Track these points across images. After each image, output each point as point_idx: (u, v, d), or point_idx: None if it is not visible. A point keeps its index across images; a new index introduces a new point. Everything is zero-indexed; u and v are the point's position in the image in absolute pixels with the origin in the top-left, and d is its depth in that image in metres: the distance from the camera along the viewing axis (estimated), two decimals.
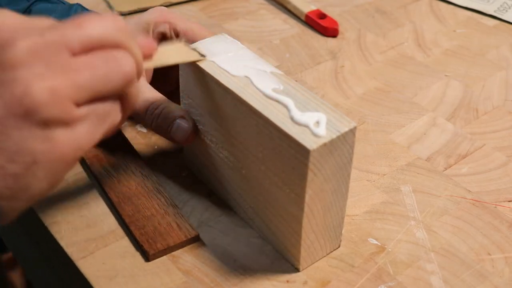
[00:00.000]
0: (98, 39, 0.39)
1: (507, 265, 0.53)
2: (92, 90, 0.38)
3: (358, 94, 0.72)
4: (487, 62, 0.77)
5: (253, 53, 0.53)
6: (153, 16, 0.59)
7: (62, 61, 0.37)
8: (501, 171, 0.62)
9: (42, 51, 0.36)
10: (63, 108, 0.37)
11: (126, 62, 0.39)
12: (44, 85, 0.36)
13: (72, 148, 0.38)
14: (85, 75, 0.37)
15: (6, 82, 0.36)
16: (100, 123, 0.39)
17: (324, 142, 0.45)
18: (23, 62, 0.36)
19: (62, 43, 0.37)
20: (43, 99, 0.36)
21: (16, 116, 0.36)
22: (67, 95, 0.37)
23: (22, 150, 0.36)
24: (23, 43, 0.36)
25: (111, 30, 0.39)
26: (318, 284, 0.51)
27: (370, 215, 0.57)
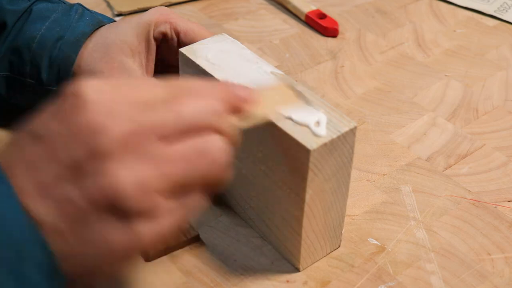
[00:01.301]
0: (194, 125, 0.37)
1: (507, 265, 0.53)
2: (181, 183, 0.36)
3: (358, 94, 0.72)
4: (487, 62, 0.77)
5: (253, 53, 0.53)
6: (153, 16, 0.59)
7: (153, 151, 0.35)
8: (501, 171, 0.62)
9: (133, 140, 0.34)
10: (149, 201, 0.35)
11: (219, 151, 0.37)
12: (131, 176, 0.34)
13: (154, 239, 0.36)
14: (178, 168, 0.36)
15: (93, 172, 0.34)
16: (185, 214, 0.38)
17: (324, 142, 0.45)
18: (112, 151, 0.34)
19: (156, 131, 0.35)
20: (129, 190, 0.34)
21: (99, 208, 0.34)
22: (155, 187, 0.35)
23: (99, 239, 0.34)
24: (115, 131, 0.34)
25: (206, 112, 0.37)
26: (318, 284, 0.51)
27: (370, 215, 0.57)
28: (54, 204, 0.34)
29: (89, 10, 0.63)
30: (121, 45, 0.58)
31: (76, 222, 0.34)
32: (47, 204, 0.34)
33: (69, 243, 0.34)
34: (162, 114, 0.36)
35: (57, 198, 0.34)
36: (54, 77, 0.59)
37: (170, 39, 0.59)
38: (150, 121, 0.35)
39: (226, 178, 0.39)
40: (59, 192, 0.34)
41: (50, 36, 0.59)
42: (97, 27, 0.61)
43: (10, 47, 0.60)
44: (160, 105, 0.36)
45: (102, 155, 0.34)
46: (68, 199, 0.34)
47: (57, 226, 0.34)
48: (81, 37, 0.59)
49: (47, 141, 0.35)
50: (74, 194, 0.34)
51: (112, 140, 0.34)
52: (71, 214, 0.34)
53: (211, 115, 0.37)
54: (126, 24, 0.60)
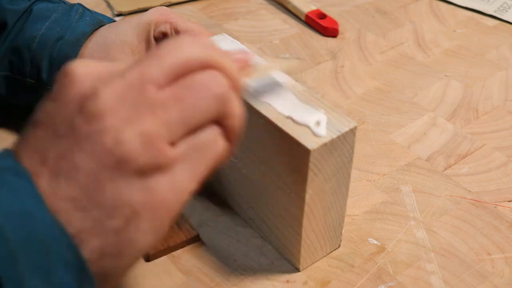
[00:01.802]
0: (182, 65, 0.35)
1: (507, 265, 0.53)
2: (184, 124, 0.35)
3: (358, 94, 0.72)
4: (487, 62, 0.77)
5: (253, 53, 0.53)
6: (154, 16, 0.59)
7: (148, 100, 0.34)
8: (501, 171, 0.62)
9: (125, 94, 0.34)
10: (157, 152, 0.34)
11: (215, 84, 0.36)
12: (133, 130, 0.33)
13: (174, 194, 0.35)
14: (174, 110, 0.34)
15: (94, 134, 0.33)
16: (201, 158, 0.36)
17: (324, 142, 0.45)
18: (108, 110, 0.33)
19: (145, 80, 0.34)
20: (134, 145, 0.33)
21: (109, 168, 0.33)
22: (159, 136, 0.34)
23: (120, 204, 0.33)
24: (105, 90, 0.34)
25: (194, 51, 0.36)
26: (318, 284, 0.51)
27: (370, 215, 0.57)
28: (65, 177, 0.33)
29: (89, 10, 0.63)
30: (121, 45, 0.59)
31: (90, 189, 0.33)
32: (58, 180, 0.33)
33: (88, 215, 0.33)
34: (151, 62, 0.35)
35: (66, 170, 0.33)
36: (54, 77, 0.59)
37: None
38: (139, 71, 0.34)
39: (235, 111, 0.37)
40: (66, 164, 0.33)
41: (51, 36, 0.59)
42: (97, 27, 0.61)
43: (10, 47, 0.60)
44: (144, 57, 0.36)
45: (99, 115, 0.33)
46: (76, 168, 0.33)
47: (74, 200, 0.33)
48: (81, 37, 0.59)
49: (45, 121, 0.34)
50: (80, 161, 0.33)
51: (104, 98, 0.33)
52: (84, 181, 0.33)
53: (200, 51, 0.36)
54: (126, 24, 0.60)
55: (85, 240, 0.33)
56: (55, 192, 0.33)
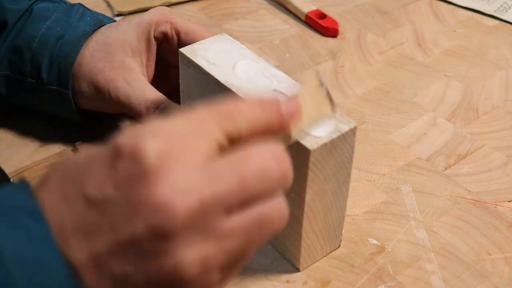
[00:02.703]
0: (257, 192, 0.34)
1: (507, 265, 0.53)
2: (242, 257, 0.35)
3: (358, 94, 0.72)
4: (487, 62, 0.77)
5: (253, 53, 0.53)
6: (154, 16, 0.59)
7: (217, 227, 0.33)
8: (501, 171, 0.62)
9: (198, 217, 0.32)
10: (208, 278, 0.33)
11: (280, 220, 0.35)
12: (195, 256, 0.32)
13: None
14: (237, 242, 0.33)
15: (156, 253, 0.32)
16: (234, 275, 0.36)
17: (324, 142, 0.45)
18: (177, 232, 0.31)
19: (221, 205, 0.33)
20: (193, 273, 0.32)
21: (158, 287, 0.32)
22: (215, 264, 0.33)
23: None
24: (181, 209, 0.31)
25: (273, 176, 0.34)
26: (318, 284, 0.51)
27: (370, 215, 0.57)
28: (109, 279, 0.32)
29: (89, 10, 0.63)
30: (121, 45, 0.59)
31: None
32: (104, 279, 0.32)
33: None
34: (226, 184, 0.33)
35: (113, 273, 0.32)
36: (54, 76, 0.59)
37: (171, 39, 0.59)
38: (215, 194, 0.32)
39: None
40: (116, 267, 0.32)
41: (51, 35, 0.59)
42: (98, 26, 0.61)
43: (10, 47, 0.60)
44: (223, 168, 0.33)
45: (166, 235, 0.31)
46: (125, 276, 0.32)
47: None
48: (82, 37, 0.59)
49: (103, 208, 0.32)
50: (132, 272, 0.32)
51: (178, 219, 0.31)
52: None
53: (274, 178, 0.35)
54: (126, 24, 0.60)
55: None
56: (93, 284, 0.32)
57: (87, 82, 0.59)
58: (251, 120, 0.35)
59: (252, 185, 0.34)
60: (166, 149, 0.32)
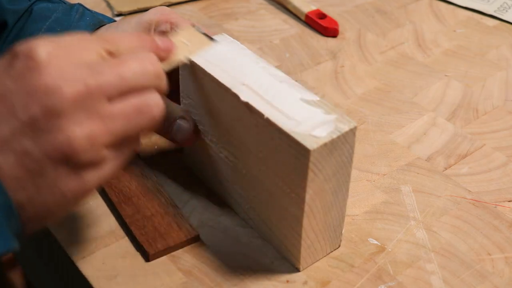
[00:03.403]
0: (134, 85, 0.42)
1: (507, 265, 0.53)
2: (123, 136, 0.41)
3: (358, 94, 0.72)
4: (487, 62, 0.77)
5: (253, 53, 0.53)
6: (154, 16, 0.59)
7: (101, 109, 0.40)
8: (501, 171, 0.62)
9: (83, 99, 0.39)
10: (97, 153, 0.40)
11: (156, 108, 0.43)
12: (83, 132, 0.39)
13: (97, 184, 0.41)
14: (120, 123, 0.41)
15: (49, 129, 0.38)
16: (124, 159, 0.43)
17: (324, 142, 0.45)
18: (66, 110, 0.38)
19: (103, 92, 0.40)
20: (81, 145, 0.39)
21: (55, 160, 0.38)
22: (102, 141, 0.40)
23: (53, 188, 0.39)
24: (68, 91, 0.38)
25: (148, 74, 0.42)
26: (318, 284, 0.51)
27: (370, 215, 0.57)
28: (13, 156, 0.38)
29: (89, 10, 0.63)
30: None
31: (33, 173, 0.38)
32: (6, 156, 0.38)
33: (26, 190, 0.39)
34: (107, 77, 0.40)
35: (16, 151, 0.38)
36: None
37: None
38: (97, 83, 0.39)
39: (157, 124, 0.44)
40: (17, 145, 0.38)
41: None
42: (98, 26, 0.61)
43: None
44: (104, 67, 0.40)
45: (57, 113, 0.38)
46: (26, 152, 0.38)
47: (16, 175, 0.38)
48: None
49: (3, 97, 0.38)
50: (31, 148, 0.38)
51: (65, 99, 0.38)
52: (29, 165, 0.38)
53: (148, 75, 0.42)
54: (126, 24, 0.60)
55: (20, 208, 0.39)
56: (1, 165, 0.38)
57: None
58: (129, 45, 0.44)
59: (130, 78, 0.41)
60: (56, 50, 0.39)
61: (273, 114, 0.47)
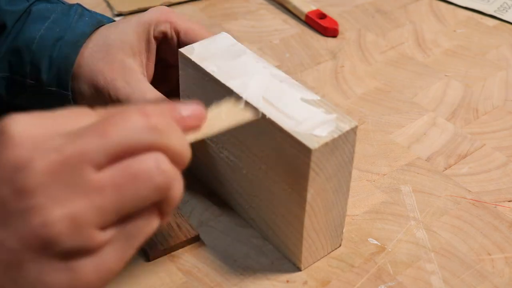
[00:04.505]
0: (124, 146, 0.33)
1: (507, 265, 0.53)
2: (118, 212, 0.33)
3: (358, 94, 0.72)
4: (487, 62, 0.77)
5: (253, 53, 0.53)
6: (154, 15, 0.59)
7: (83, 181, 0.32)
8: (501, 171, 0.62)
9: (60, 171, 0.32)
10: (84, 236, 0.32)
11: (158, 172, 0.34)
12: (62, 213, 0.32)
13: (99, 275, 0.34)
14: (110, 197, 0.33)
15: (21, 212, 0.32)
16: (131, 242, 0.35)
17: (325, 142, 0.45)
18: (39, 187, 0.32)
19: (84, 159, 0.32)
20: (62, 229, 0.32)
21: (33, 249, 0.32)
22: (89, 221, 0.32)
23: (36, 284, 0.32)
24: (39, 163, 0.32)
25: (140, 131, 0.34)
26: (318, 284, 0.51)
27: (370, 215, 0.57)
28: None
29: (88, 10, 0.63)
30: (121, 45, 0.58)
31: (10, 268, 0.32)
32: None
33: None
34: (94, 139, 0.33)
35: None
36: (54, 77, 0.59)
37: (170, 38, 0.59)
38: (76, 148, 0.32)
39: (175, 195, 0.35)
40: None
41: (50, 36, 0.59)
42: (97, 27, 0.61)
43: (10, 48, 0.60)
44: (86, 130, 0.33)
45: (29, 191, 0.31)
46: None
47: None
48: (81, 38, 0.59)
49: None
50: (3, 238, 0.32)
51: (37, 174, 0.32)
52: (4, 258, 0.32)
53: (148, 131, 0.34)
54: (126, 24, 0.60)
55: None
56: None
57: (87, 83, 0.58)
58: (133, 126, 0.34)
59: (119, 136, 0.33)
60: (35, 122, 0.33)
61: (273, 113, 0.47)
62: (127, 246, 0.34)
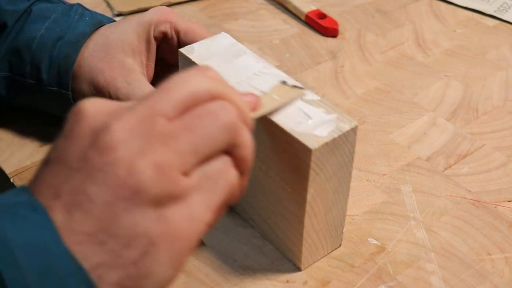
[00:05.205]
0: (190, 97, 0.36)
1: (507, 265, 0.53)
2: (196, 153, 0.35)
3: (358, 94, 0.72)
4: (487, 62, 0.78)
5: (253, 53, 0.53)
6: (154, 15, 0.59)
7: (159, 131, 0.34)
8: (501, 171, 0.62)
9: (136, 127, 0.34)
10: (171, 181, 0.34)
11: (224, 113, 0.36)
12: (146, 161, 0.33)
13: (190, 223, 0.35)
14: (185, 139, 0.35)
15: (107, 166, 0.33)
16: (214, 187, 0.36)
17: (326, 141, 0.45)
18: (120, 142, 0.34)
19: (155, 113, 0.35)
20: (148, 175, 0.33)
21: (124, 199, 0.33)
22: (172, 165, 0.34)
23: (136, 235, 0.33)
24: (117, 124, 0.34)
25: (202, 83, 0.37)
26: (318, 284, 0.51)
27: (370, 215, 0.57)
28: (80, 210, 0.33)
29: (89, 10, 0.63)
30: (121, 45, 0.58)
31: (106, 221, 0.33)
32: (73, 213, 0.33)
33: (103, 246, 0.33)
34: (157, 97, 0.36)
35: (80, 203, 0.33)
36: (54, 77, 0.59)
37: (170, 38, 0.59)
38: (149, 105, 0.35)
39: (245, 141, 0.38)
40: (81, 196, 0.33)
41: (50, 36, 0.59)
42: (97, 27, 0.61)
43: (10, 48, 0.60)
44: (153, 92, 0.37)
45: (112, 147, 0.33)
46: (91, 200, 0.33)
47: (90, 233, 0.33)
48: (81, 37, 0.59)
49: (57, 157, 0.35)
50: (95, 193, 0.33)
51: (117, 131, 0.34)
52: (99, 213, 0.33)
53: (208, 83, 0.37)
54: (126, 24, 0.60)
55: (103, 274, 0.33)
56: (71, 226, 0.33)
57: (87, 82, 0.59)
58: None
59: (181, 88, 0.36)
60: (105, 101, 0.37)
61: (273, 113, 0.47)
62: (212, 192, 0.36)
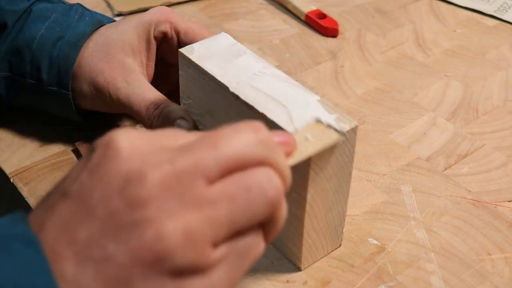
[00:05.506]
0: (237, 159, 0.33)
1: (507, 265, 0.53)
2: (232, 225, 0.32)
3: (358, 94, 0.72)
4: (487, 62, 0.78)
5: (253, 53, 0.53)
6: (154, 15, 0.59)
7: (197, 194, 0.31)
8: (501, 171, 0.62)
9: (174, 183, 0.31)
10: (198, 253, 0.31)
11: (271, 186, 0.33)
12: (177, 226, 0.30)
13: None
14: (224, 209, 0.32)
15: (134, 224, 0.30)
16: (241, 262, 0.33)
17: None
18: (153, 199, 0.31)
19: (197, 171, 0.32)
20: (176, 242, 0.30)
21: (144, 265, 0.30)
22: (203, 235, 0.31)
23: None
24: (153, 176, 0.31)
25: (252, 145, 0.33)
26: (318, 284, 0.51)
27: (370, 215, 0.57)
28: (93, 266, 0.30)
29: (89, 10, 0.63)
30: (121, 45, 0.58)
31: (118, 284, 0.30)
32: (86, 267, 0.30)
33: None
34: (206, 152, 0.32)
35: (96, 259, 0.30)
36: (54, 77, 0.59)
37: (170, 38, 0.59)
38: (189, 160, 0.32)
39: (281, 216, 0.35)
40: (97, 251, 0.30)
41: (50, 36, 0.59)
42: (97, 27, 0.61)
43: (10, 48, 0.60)
44: (198, 143, 0.33)
45: (142, 203, 0.31)
46: (108, 258, 0.30)
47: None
48: (81, 37, 0.59)
49: (79, 195, 0.32)
50: (114, 251, 0.30)
51: (150, 185, 0.31)
52: (113, 274, 0.30)
53: (258, 146, 0.34)
54: (126, 24, 0.60)
55: None
56: (79, 281, 0.30)
57: (87, 82, 0.59)
58: None
59: (228, 147, 0.33)
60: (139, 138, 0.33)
61: (273, 113, 0.47)
62: (237, 268, 0.33)
